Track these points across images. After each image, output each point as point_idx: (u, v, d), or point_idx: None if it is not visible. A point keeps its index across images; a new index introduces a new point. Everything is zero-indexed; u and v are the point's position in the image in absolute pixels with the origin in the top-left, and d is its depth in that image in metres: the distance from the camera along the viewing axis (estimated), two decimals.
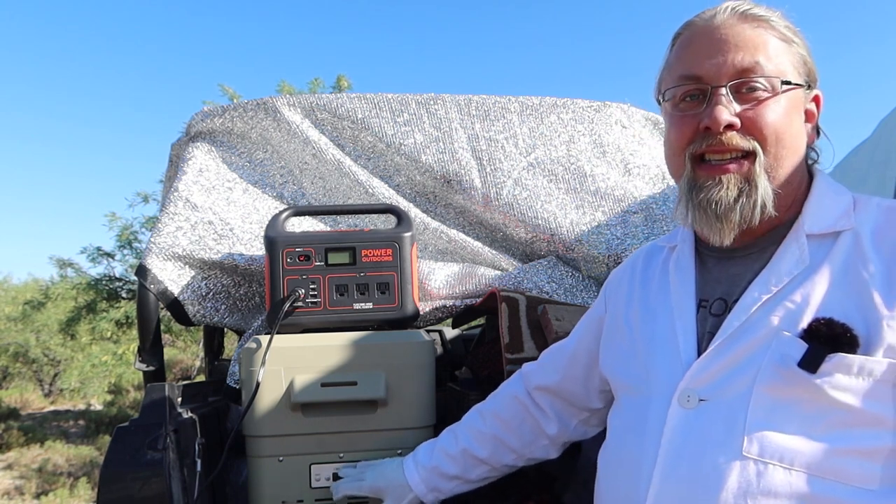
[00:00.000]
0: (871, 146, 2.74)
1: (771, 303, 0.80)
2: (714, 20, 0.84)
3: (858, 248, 0.78)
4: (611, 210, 1.68)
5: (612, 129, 1.81)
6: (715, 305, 0.86)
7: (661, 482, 0.79)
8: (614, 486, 0.89)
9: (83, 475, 6.42)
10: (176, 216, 1.55)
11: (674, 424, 0.81)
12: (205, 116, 1.72)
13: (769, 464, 0.74)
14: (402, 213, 1.51)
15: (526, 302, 1.49)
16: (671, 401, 0.82)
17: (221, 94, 7.77)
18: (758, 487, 0.73)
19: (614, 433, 0.95)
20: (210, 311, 1.55)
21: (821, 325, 0.75)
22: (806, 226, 0.82)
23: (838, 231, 0.81)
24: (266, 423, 1.31)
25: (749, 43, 0.81)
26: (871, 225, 0.80)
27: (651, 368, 0.88)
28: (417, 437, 1.34)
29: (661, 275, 0.96)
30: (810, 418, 0.74)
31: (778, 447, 0.74)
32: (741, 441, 0.75)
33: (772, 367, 0.76)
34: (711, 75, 0.82)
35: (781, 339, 0.77)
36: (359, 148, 1.70)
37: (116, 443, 1.22)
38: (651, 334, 0.91)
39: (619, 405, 0.96)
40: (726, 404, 0.78)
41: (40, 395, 11.14)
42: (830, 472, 0.72)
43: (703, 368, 0.81)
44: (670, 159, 0.89)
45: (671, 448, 0.80)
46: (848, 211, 0.82)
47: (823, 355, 0.73)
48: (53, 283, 9.05)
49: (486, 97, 1.77)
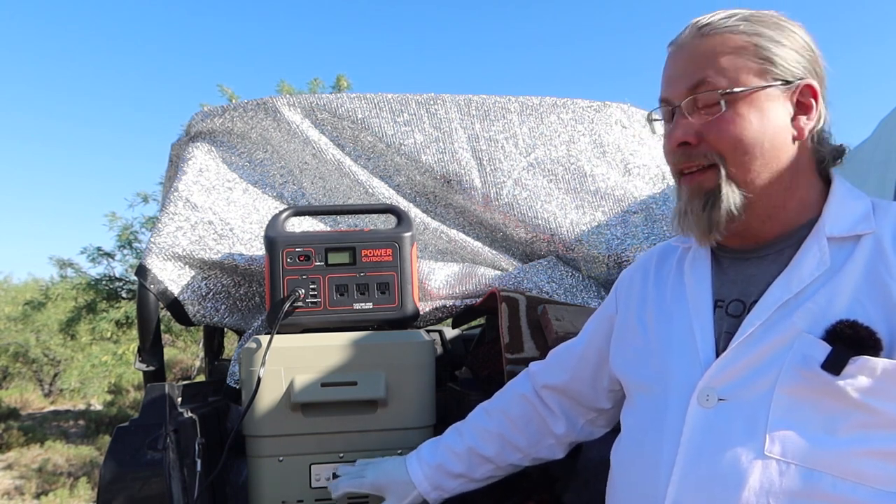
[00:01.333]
0: (871, 146, 2.73)
1: (792, 304, 0.80)
2: (679, 40, 0.88)
3: (881, 251, 0.78)
4: (611, 210, 1.68)
5: (612, 129, 1.81)
6: (732, 306, 0.86)
7: (680, 481, 0.79)
8: (631, 485, 0.89)
9: (83, 475, 6.42)
10: (176, 216, 1.55)
11: (693, 423, 0.81)
12: (205, 116, 1.72)
13: (791, 464, 0.74)
14: (402, 213, 1.51)
15: (526, 302, 1.49)
16: (690, 400, 0.82)
17: (220, 94, 7.78)
18: (780, 487, 0.73)
19: (629, 432, 0.94)
20: (210, 311, 1.55)
21: (845, 328, 0.75)
22: (826, 228, 0.82)
23: (859, 234, 0.81)
24: (266, 423, 1.31)
25: (700, 58, 0.84)
26: (892, 229, 0.80)
27: (668, 368, 0.88)
28: (417, 437, 1.34)
29: (676, 275, 0.96)
30: (832, 420, 0.74)
31: (800, 448, 0.74)
32: (763, 441, 0.75)
33: (793, 368, 0.76)
34: (673, 96, 0.87)
35: (804, 340, 0.77)
36: (359, 148, 1.70)
37: (116, 443, 1.22)
38: (667, 334, 0.91)
39: (634, 404, 0.96)
40: (747, 404, 0.78)
41: (40, 395, 11.14)
42: (851, 474, 0.73)
43: (723, 368, 0.81)
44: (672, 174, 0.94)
45: (691, 447, 0.80)
46: (868, 215, 0.82)
47: (847, 357, 0.73)
48: (53, 283, 9.05)
49: (486, 97, 1.77)
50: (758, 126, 0.82)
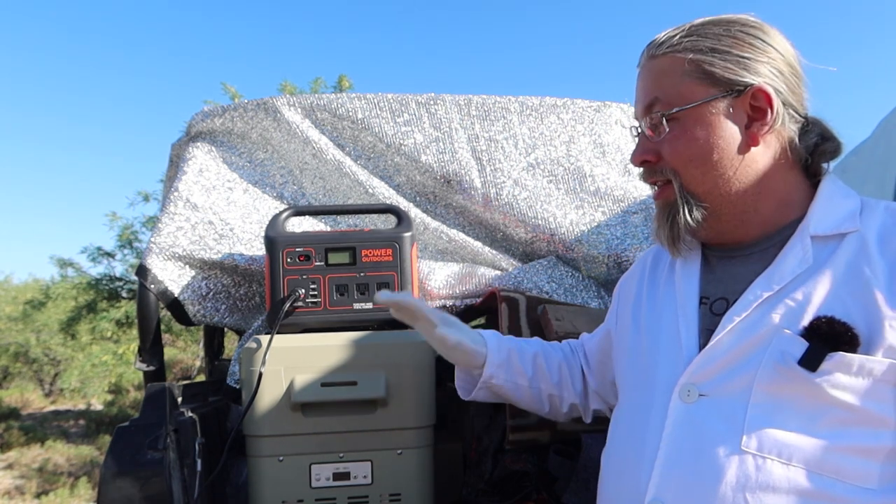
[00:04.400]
0: (871, 146, 2.74)
1: (772, 301, 0.80)
2: (640, 62, 0.92)
3: (864, 249, 0.79)
4: (611, 210, 1.68)
5: (611, 129, 1.81)
6: (716, 304, 0.87)
7: (661, 475, 0.80)
8: (617, 479, 0.90)
9: (83, 475, 6.43)
10: (176, 216, 1.55)
11: (675, 418, 0.82)
12: (205, 116, 1.72)
13: (767, 458, 0.74)
14: (402, 213, 1.51)
15: (526, 302, 1.49)
16: (672, 395, 0.83)
17: (223, 92, 7.77)
18: (756, 481, 0.74)
19: (617, 426, 0.96)
20: (210, 311, 1.55)
21: (822, 324, 0.76)
22: (811, 227, 0.83)
23: (843, 233, 0.81)
24: (266, 422, 1.31)
25: (649, 80, 0.88)
26: (878, 227, 0.80)
27: (655, 364, 0.90)
28: (417, 437, 1.35)
29: (667, 274, 0.98)
30: (809, 416, 0.75)
31: (776, 442, 0.75)
32: (740, 436, 0.76)
33: (772, 364, 0.77)
34: (636, 116, 0.92)
35: (782, 336, 0.77)
36: (359, 148, 1.70)
37: (117, 443, 1.22)
38: (657, 332, 0.93)
39: (623, 400, 0.97)
40: (726, 400, 0.79)
41: (41, 394, 11.14)
42: (829, 469, 0.73)
43: (703, 364, 0.82)
44: None
45: (672, 441, 0.81)
46: (854, 213, 0.82)
47: (824, 354, 0.74)
48: (54, 283, 9.05)
49: (486, 97, 1.77)
50: (705, 140, 0.84)
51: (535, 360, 1.12)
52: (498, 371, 1.09)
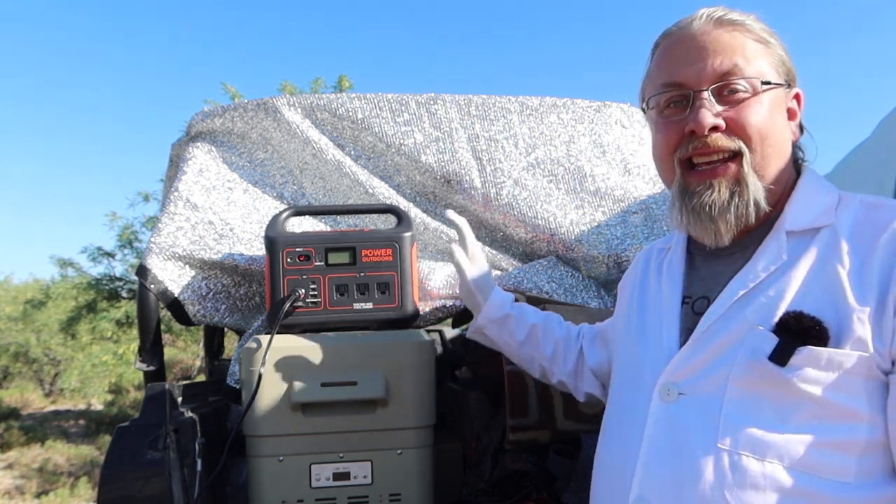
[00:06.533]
0: (871, 146, 2.74)
1: (748, 298, 0.81)
2: (691, 27, 0.86)
3: (835, 243, 0.79)
4: (611, 210, 1.68)
5: (612, 129, 1.81)
6: (697, 303, 0.88)
7: (644, 473, 0.81)
8: (605, 478, 0.91)
9: (84, 475, 6.43)
10: (176, 216, 1.55)
11: (655, 417, 0.83)
12: (205, 116, 1.72)
13: (743, 455, 0.75)
14: (402, 213, 1.51)
15: (526, 302, 1.49)
16: (653, 394, 0.84)
17: (223, 92, 7.78)
18: (734, 479, 0.75)
19: (606, 426, 0.97)
20: (210, 311, 1.55)
21: (790, 319, 0.76)
22: (787, 223, 0.83)
23: (818, 227, 0.82)
24: (266, 422, 1.31)
25: (727, 47, 0.83)
26: (851, 221, 0.81)
27: (641, 363, 0.91)
28: (417, 437, 1.35)
29: (655, 274, 0.99)
30: (783, 411, 0.75)
31: (752, 439, 0.75)
32: (716, 434, 0.77)
33: (745, 361, 0.78)
34: (693, 81, 0.84)
35: (755, 333, 0.78)
36: (359, 148, 1.70)
37: (117, 442, 1.22)
38: (643, 332, 0.94)
39: (612, 398, 0.99)
40: (704, 398, 0.80)
41: (41, 394, 11.15)
42: (805, 465, 0.73)
43: (681, 363, 0.83)
44: (660, 165, 0.92)
45: (653, 441, 0.82)
46: (830, 208, 0.83)
47: (793, 348, 0.74)
48: (54, 283, 9.07)
49: (486, 97, 1.77)
50: (779, 120, 0.84)
51: (532, 329, 1.19)
52: (490, 325, 1.20)
